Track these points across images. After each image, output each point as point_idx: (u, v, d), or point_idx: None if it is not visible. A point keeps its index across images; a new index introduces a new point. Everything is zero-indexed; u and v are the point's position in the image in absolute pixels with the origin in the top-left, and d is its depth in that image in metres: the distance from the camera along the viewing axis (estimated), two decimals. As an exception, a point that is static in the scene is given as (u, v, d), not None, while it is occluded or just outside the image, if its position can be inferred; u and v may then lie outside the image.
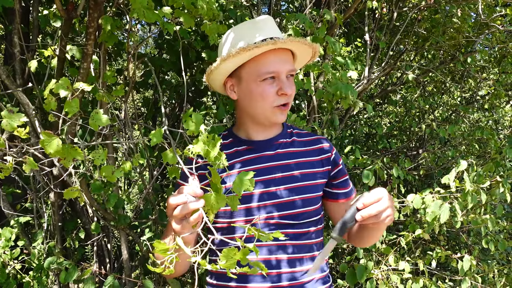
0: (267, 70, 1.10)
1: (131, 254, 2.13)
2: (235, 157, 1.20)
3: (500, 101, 4.30)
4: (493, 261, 2.94)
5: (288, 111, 1.28)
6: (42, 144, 0.85)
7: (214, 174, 0.84)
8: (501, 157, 2.48)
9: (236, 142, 1.24)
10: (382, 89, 3.69)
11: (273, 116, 1.15)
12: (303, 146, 1.24)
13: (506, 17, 3.10)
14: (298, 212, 1.14)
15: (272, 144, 1.21)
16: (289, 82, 1.13)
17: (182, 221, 0.88)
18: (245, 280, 1.13)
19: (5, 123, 0.87)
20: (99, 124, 0.94)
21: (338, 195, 1.25)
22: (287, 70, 1.12)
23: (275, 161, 1.18)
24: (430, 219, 1.90)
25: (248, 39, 1.12)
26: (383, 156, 3.18)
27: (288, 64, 1.13)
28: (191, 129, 0.92)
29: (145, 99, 2.93)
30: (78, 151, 0.91)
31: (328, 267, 1.25)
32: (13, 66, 1.87)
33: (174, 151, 0.96)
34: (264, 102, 1.13)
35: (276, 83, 1.11)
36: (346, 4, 2.91)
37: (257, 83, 1.12)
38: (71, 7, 1.42)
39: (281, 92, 1.11)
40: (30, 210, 2.07)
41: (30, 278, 1.76)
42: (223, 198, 0.83)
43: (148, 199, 1.99)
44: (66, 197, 1.25)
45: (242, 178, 0.84)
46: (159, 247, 0.71)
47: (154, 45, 3.92)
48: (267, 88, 1.11)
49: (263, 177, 1.15)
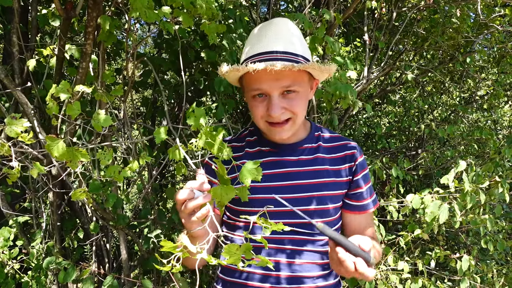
0: (256, 87, 1.04)
1: (130, 254, 2.13)
2: (257, 157, 1.17)
3: (499, 101, 4.31)
4: (492, 261, 2.94)
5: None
6: (47, 148, 0.86)
7: (219, 166, 0.84)
8: (500, 157, 2.48)
9: (261, 141, 1.20)
10: (381, 89, 3.69)
11: (269, 133, 1.11)
12: (327, 153, 1.18)
13: (505, 17, 3.10)
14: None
15: (296, 149, 1.17)
16: (283, 100, 1.04)
17: (190, 216, 0.88)
18: (248, 278, 1.13)
19: (9, 130, 0.87)
20: (102, 125, 0.94)
21: (349, 206, 1.20)
22: (281, 88, 1.02)
23: (296, 167, 1.14)
24: (429, 219, 1.90)
25: (251, 50, 1.07)
26: (382, 156, 3.19)
27: (283, 81, 1.02)
28: (195, 124, 0.92)
29: (144, 99, 2.93)
30: (83, 153, 0.91)
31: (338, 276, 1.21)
32: (11, 65, 1.86)
33: (180, 147, 0.97)
34: (256, 118, 1.09)
35: (267, 101, 1.05)
36: (345, 4, 2.91)
37: (250, 98, 1.09)
38: (69, 6, 1.42)
39: (267, 113, 1.05)
40: (29, 209, 2.07)
41: (28, 278, 1.76)
42: (231, 189, 0.84)
43: (147, 199, 1.99)
44: (73, 199, 1.25)
45: (248, 168, 0.84)
46: (166, 246, 0.71)
47: (153, 45, 3.91)
48: (257, 106, 1.07)
49: (283, 183, 1.13)
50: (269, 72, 0.99)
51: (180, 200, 0.87)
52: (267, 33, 1.07)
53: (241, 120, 2.99)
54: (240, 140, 1.24)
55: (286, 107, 1.05)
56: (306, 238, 1.13)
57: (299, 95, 1.06)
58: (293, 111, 1.06)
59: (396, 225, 3.15)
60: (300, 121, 1.11)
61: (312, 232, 1.12)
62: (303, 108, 1.09)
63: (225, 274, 1.20)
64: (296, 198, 1.11)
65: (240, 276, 1.14)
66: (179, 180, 3.17)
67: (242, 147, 1.21)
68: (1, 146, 0.92)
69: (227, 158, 0.87)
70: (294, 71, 1.02)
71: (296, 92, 1.05)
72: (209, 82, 2.28)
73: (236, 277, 1.15)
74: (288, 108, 1.05)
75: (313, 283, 1.12)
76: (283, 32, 1.07)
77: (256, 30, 1.12)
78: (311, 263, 1.13)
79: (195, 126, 0.92)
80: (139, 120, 2.72)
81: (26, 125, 0.88)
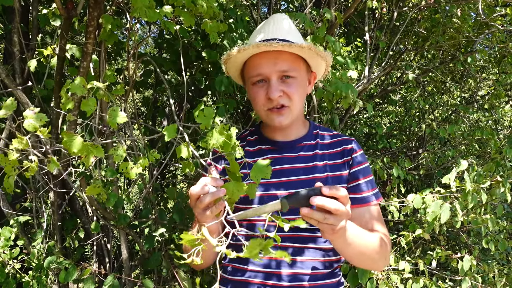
0: (255, 73, 1.11)
1: (130, 253, 2.13)
2: (258, 155, 1.20)
3: (500, 101, 4.31)
4: (493, 261, 2.94)
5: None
6: (64, 144, 0.87)
7: (232, 163, 0.86)
8: (501, 157, 2.48)
9: (261, 140, 1.25)
10: (382, 89, 3.69)
11: (269, 119, 1.14)
12: (326, 148, 1.21)
13: (506, 17, 3.10)
14: None
15: (295, 146, 1.20)
16: (282, 84, 1.10)
17: (205, 211, 0.89)
18: (251, 276, 1.13)
19: (27, 124, 0.88)
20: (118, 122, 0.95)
21: (351, 199, 1.17)
22: (278, 71, 1.09)
23: (296, 164, 1.17)
24: (430, 219, 1.89)
25: (252, 40, 1.14)
26: (383, 156, 3.19)
27: (280, 65, 1.09)
28: (204, 123, 0.93)
29: (144, 99, 2.93)
30: (99, 149, 0.92)
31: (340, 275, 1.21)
32: (12, 65, 1.86)
33: (189, 144, 0.97)
34: (257, 106, 1.14)
35: (266, 86, 1.11)
36: (346, 3, 2.91)
37: (250, 86, 1.14)
38: (70, 5, 1.42)
39: (267, 96, 1.10)
40: (30, 209, 2.07)
41: (29, 278, 1.76)
42: (242, 186, 0.86)
43: (148, 198, 1.99)
44: (88, 194, 1.28)
45: (260, 165, 0.86)
46: (186, 238, 0.71)
47: (154, 45, 3.91)
48: (257, 92, 1.12)
49: (284, 179, 1.15)
50: (267, 57, 1.08)
51: (194, 195, 0.89)
52: (268, 25, 1.16)
53: (242, 120, 2.99)
54: (241, 140, 1.28)
55: (284, 91, 1.10)
56: (308, 235, 1.13)
57: (297, 81, 1.12)
58: (290, 96, 1.11)
59: (397, 225, 3.14)
60: (297, 110, 1.15)
61: (314, 228, 1.11)
62: (300, 96, 1.14)
63: (227, 274, 1.20)
64: None
65: (243, 274, 1.15)
66: (180, 180, 3.17)
67: (242, 147, 1.22)
68: (20, 139, 0.92)
69: (239, 157, 0.89)
70: (291, 57, 1.10)
71: (293, 78, 1.11)
72: (210, 82, 2.28)
73: (239, 276, 1.15)
74: (286, 92, 1.10)
75: (315, 281, 1.12)
76: (282, 25, 1.16)
77: (259, 26, 1.21)
78: (313, 260, 1.13)
79: (204, 125, 0.92)
80: (140, 120, 2.72)
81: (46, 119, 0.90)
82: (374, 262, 1.10)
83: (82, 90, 0.90)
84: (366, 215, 1.16)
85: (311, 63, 1.18)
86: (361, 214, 1.16)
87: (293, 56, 1.12)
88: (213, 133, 0.87)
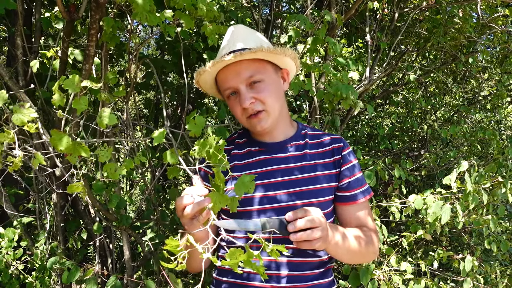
0: (225, 87, 1.14)
1: (133, 254, 2.14)
2: (247, 158, 1.21)
3: (502, 102, 4.29)
4: (496, 261, 2.93)
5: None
6: (52, 141, 0.88)
7: (217, 175, 0.88)
8: (503, 158, 2.48)
9: (250, 142, 1.25)
10: (383, 89, 3.69)
11: (251, 126, 1.16)
12: (316, 148, 1.22)
13: (508, 18, 3.09)
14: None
15: (284, 147, 1.21)
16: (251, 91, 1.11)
17: (192, 220, 0.92)
18: (247, 279, 1.14)
19: (16, 118, 0.88)
20: (107, 123, 0.96)
21: (338, 197, 1.21)
22: (244, 80, 1.10)
23: (286, 164, 1.17)
24: (431, 219, 1.89)
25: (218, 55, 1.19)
26: (384, 156, 3.18)
27: (244, 73, 1.10)
28: (194, 130, 0.94)
29: (146, 100, 2.94)
30: (84, 148, 0.93)
31: (332, 274, 1.23)
32: (15, 67, 1.88)
33: (176, 151, 0.98)
34: (237, 116, 1.17)
35: (239, 97, 1.12)
36: (347, 5, 2.92)
37: (227, 100, 1.17)
38: (73, 9, 1.43)
39: (241, 107, 1.12)
40: (33, 210, 2.09)
41: (32, 279, 1.77)
42: (225, 198, 0.87)
43: (150, 199, 2.00)
44: (69, 191, 1.27)
45: (244, 181, 0.87)
46: (170, 244, 0.74)
47: (155, 46, 3.93)
48: (233, 104, 1.15)
49: (273, 180, 1.15)
50: (230, 70, 1.11)
51: (180, 206, 0.92)
52: (226, 39, 1.19)
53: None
54: (229, 143, 1.27)
55: (255, 97, 1.11)
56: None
57: (266, 84, 1.12)
58: (262, 100, 1.11)
59: (399, 226, 3.14)
60: (276, 111, 1.15)
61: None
62: (275, 97, 1.14)
63: (222, 276, 1.20)
64: (288, 194, 1.13)
65: (240, 276, 1.15)
66: (182, 181, 3.18)
67: (229, 150, 1.24)
68: (6, 133, 0.92)
69: (224, 170, 0.90)
70: (252, 62, 1.11)
71: (261, 81, 1.12)
72: (211, 84, 2.28)
73: (236, 278, 1.15)
74: (257, 97, 1.11)
75: (312, 281, 1.13)
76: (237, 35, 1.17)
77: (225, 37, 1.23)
78: (309, 261, 1.14)
79: (193, 133, 0.94)
80: (142, 121, 2.73)
81: (34, 115, 0.90)
82: (363, 256, 1.17)
83: (75, 88, 0.90)
84: (355, 213, 1.20)
85: (275, 61, 1.18)
86: (351, 212, 1.20)
87: (254, 61, 1.12)
88: (201, 143, 0.88)
